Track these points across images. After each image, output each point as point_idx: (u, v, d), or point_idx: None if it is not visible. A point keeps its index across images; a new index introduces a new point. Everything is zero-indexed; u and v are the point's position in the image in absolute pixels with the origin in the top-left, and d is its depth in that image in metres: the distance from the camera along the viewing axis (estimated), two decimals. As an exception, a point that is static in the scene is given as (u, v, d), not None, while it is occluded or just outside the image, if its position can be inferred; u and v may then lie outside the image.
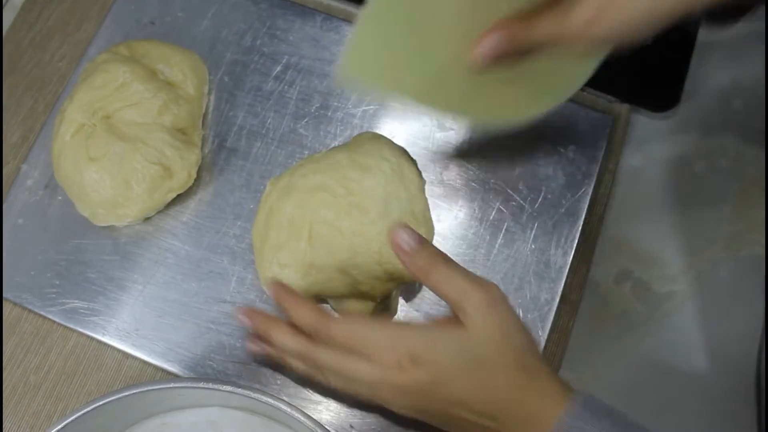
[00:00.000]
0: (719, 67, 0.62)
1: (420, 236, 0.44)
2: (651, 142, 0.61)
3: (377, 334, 0.42)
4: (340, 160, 0.50)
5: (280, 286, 0.47)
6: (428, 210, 0.51)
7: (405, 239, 0.44)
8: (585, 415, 0.40)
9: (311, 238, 0.49)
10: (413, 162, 0.52)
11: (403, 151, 0.52)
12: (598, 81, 0.49)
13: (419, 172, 0.52)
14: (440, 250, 0.44)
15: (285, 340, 0.45)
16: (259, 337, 0.48)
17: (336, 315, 0.45)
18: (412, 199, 0.50)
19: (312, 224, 0.49)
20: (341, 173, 0.50)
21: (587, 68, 0.47)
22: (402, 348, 0.42)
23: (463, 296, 0.42)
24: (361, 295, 0.50)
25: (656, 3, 0.38)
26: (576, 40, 0.39)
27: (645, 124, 0.61)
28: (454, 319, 0.43)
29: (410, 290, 0.54)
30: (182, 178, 0.54)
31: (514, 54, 0.41)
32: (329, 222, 0.49)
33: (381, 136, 0.54)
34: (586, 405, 0.40)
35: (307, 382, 0.52)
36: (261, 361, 0.52)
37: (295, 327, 0.46)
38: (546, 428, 0.40)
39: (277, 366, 0.52)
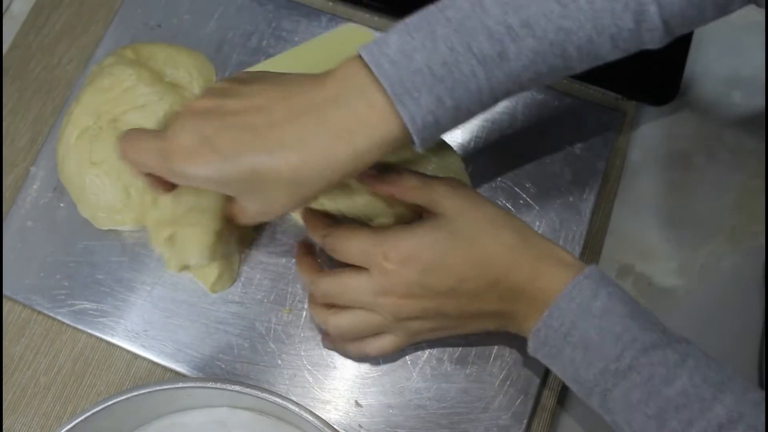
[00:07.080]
0: (718, 59, 0.62)
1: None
2: (650, 136, 0.60)
3: (370, 241, 0.46)
4: None
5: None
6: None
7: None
8: (597, 275, 0.44)
9: None
10: None
11: None
12: (594, 75, 0.48)
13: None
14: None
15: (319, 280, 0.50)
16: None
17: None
18: None
19: None
20: None
21: None
22: (393, 253, 0.45)
23: (431, 190, 0.46)
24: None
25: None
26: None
27: (644, 117, 0.60)
28: (428, 214, 0.47)
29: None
30: None
31: None
32: None
33: None
34: (598, 271, 0.45)
35: (315, 381, 0.52)
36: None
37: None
38: (557, 290, 0.43)
39: (286, 366, 0.53)
